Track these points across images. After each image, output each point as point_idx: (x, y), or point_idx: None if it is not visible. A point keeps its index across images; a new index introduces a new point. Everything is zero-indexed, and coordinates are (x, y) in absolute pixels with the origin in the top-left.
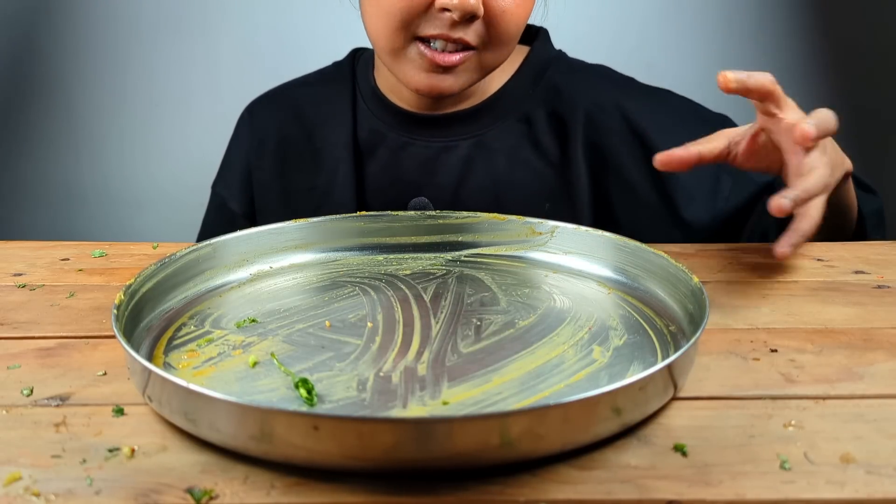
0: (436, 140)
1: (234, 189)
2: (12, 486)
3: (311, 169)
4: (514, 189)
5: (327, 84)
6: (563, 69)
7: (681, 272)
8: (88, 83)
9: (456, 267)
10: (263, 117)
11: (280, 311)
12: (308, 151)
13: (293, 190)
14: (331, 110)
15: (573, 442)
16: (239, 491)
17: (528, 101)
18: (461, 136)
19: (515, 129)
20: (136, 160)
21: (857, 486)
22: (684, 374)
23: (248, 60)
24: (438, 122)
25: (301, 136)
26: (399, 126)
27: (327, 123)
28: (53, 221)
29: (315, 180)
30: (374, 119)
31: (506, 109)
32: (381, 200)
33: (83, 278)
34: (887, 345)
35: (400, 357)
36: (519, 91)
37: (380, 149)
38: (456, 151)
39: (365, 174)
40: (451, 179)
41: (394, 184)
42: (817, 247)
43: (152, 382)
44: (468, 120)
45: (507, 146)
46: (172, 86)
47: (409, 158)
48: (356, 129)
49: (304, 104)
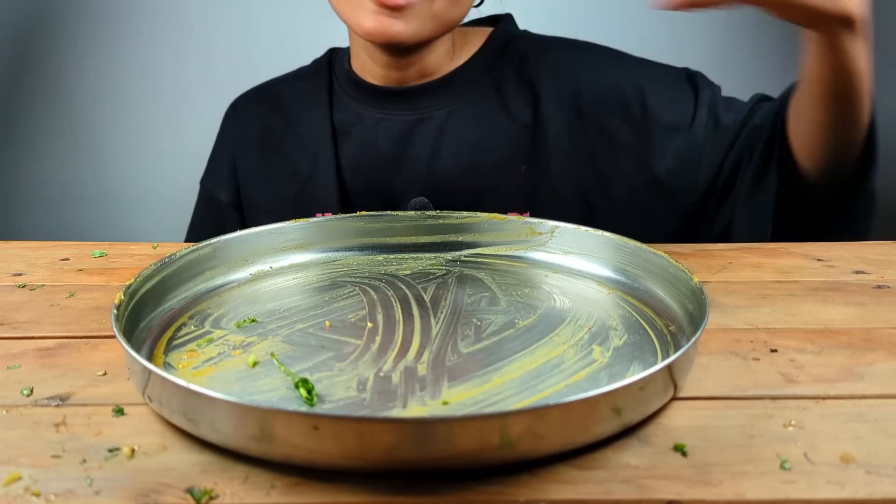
0: (408, 113)
1: (221, 180)
2: (12, 486)
3: (293, 155)
4: (488, 153)
5: (306, 78)
6: (527, 40)
7: (681, 272)
8: (88, 83)
9: (456, 267)
10: (246, 111)
11: (280, 311)
12: (289, 139)
13: (276, 176)
14: (309, 99)
15: (573, 442)
16: (239, 491)
17: (495, 69)
18: (433, 107)
19: (486, 96)
20: (136, 160)
21: (857, 486)
22: (684, 374)
23: (246, 62)
24: (409, 95)
25: (282, 125)
26: (373, 104)
27: (306, 111)
28: (53, 221)
29: (296, 165)
30: (349, 101)
31: (474, 79)
32: (361, 179)
33: (83, 278)
34: (887, 345)
35: (400, 357)
36: (486, 61)
37: (355, 128)
38: (429, 122)
39: (343, 154)
40: (425, 150)
41: (371, 160)
42: (817, 247)
43: (152, 382)
44: (438, 91)
45: (479, 113)
46: (172, 86)
47: (384, 133)
48: (332, 113)
49: (285, 97)
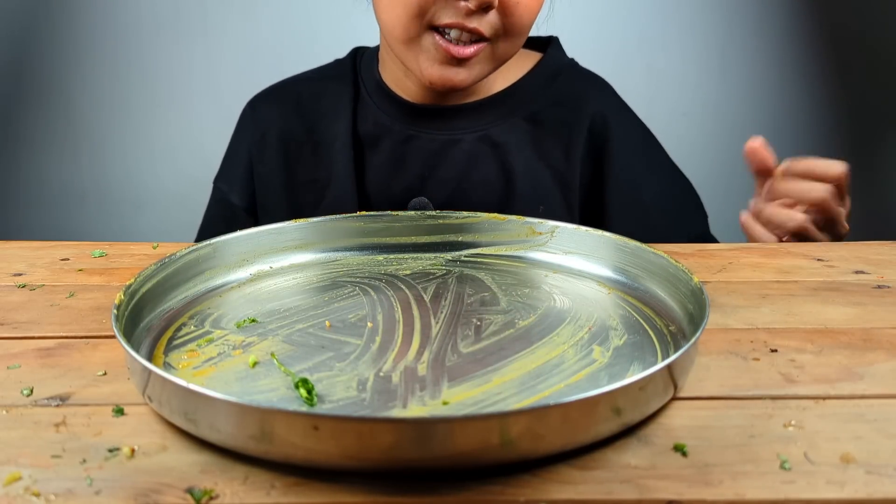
0: (441, 133)
1: (235, 183)
2: (12, 486)
3: (313, 162)
4: (513, 185)
5: (328, 79)
6: (575, 77)
7: (681, 272)
8: (88, 83)
9: (456, 267)
10: (265, 111)
11: (280, 311)
12: (309, 145)
13: (294, 183)
14: (331, 104)
15: (573, 442)
16: (239, 491)
17: (537, 102)
18: (466, 129)
19: (521, 127)
20: (136, 160)
21: (857, 486)
22: (684, 374)
23: (249, 60)
24: (443, 115)
25: (302, 130)
26: (404, 119)
27: (328, 117)
28: (53, 221)
29: (316, 173)
30: (378, 112)
31: (513, 107)
32: (385, 193)
33: (83, 278)
34: (887, 345)
35: (400, 357)
36: (529, 91)
37: (384, 141)
38: (461, 145)
39: (368, 167)
40: (454, 173)
41: (397, 176)
42: (817, 247)
43: (152, 382)
44: (473, 114)
45: (510, 144)
46: (172, 85)
47: (414, 151)
48: (356, 122)
49: (306, 99)
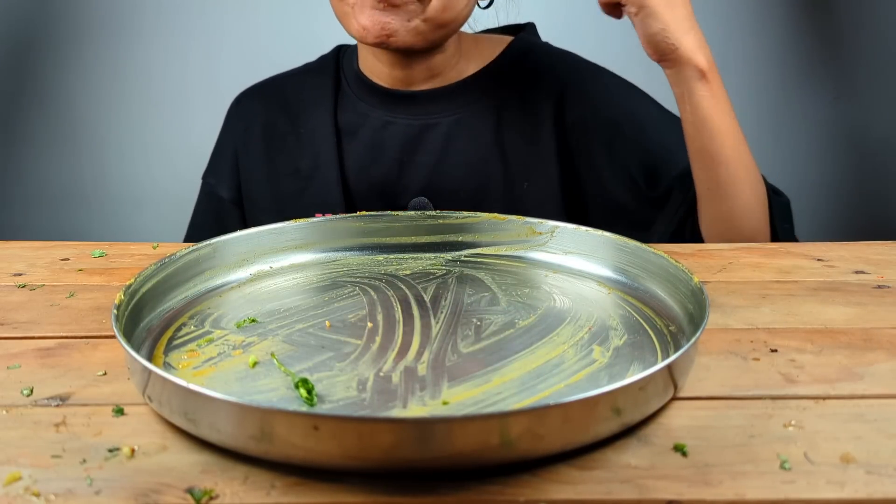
0: (417, 118)
1: (222, 176)
2: (12, 486)
3: (296, 152)
4: (492, 165)
5: (311, 74)
6: (545, 54)
7: (681, 272)
8: (88, 83)
9: (456, 267)
10: (250, 106)
11: (280, 311)
12: (292, 136)
13: (278, 173)
14: (313, 97)
15: (573, 442)
16: (239, 491)
17: (508, 81)
18: (441, 114)
19: (495, 108)
20: (136, 160)
21: (857, 486)
22: (684, 374)
23: (247, 60)
24: (418, 100)
25: (286, 122)
26: (381, 105)
27: (310, 109)
28: (53, 221)
29: (299, 163)
30: (357, 101)
31: (485, 89)
32: (366, 180)
33: (83, 278)
34: (887, 345)
35: (400, 357)
36: (500, 71)
37: (362, 129)
38: (437, 129)
39: (348, 154)
40: (431, 156)
41: (377, 162)
42: (817, 247)
43: (152, 382)
44: (448, 97)
45: (486, 124)
46: (172, 85)
47: (392, 137)
48: (337, 111)
49: (289, 93)
